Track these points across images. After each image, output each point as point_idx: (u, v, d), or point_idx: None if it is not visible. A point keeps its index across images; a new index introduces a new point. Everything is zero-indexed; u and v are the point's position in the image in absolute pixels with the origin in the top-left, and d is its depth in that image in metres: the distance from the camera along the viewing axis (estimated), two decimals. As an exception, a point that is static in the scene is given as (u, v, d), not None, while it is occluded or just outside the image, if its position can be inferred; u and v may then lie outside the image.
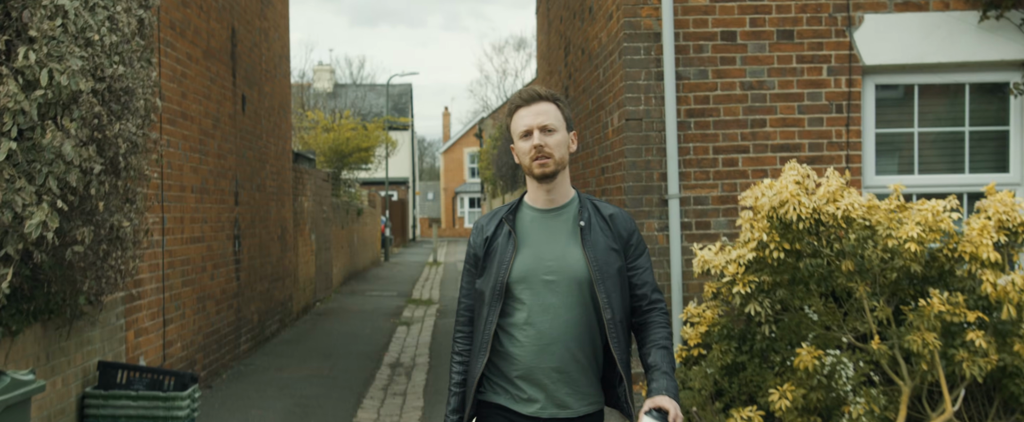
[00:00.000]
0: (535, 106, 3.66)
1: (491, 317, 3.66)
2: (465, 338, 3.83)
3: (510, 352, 3.66)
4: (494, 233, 3.73)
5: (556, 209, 3.72)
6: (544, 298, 3.62)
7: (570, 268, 3.62)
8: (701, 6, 8.09)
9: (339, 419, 9.36)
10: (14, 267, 5.21)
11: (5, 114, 4.87)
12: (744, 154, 8.13)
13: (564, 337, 3.62)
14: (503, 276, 3.63)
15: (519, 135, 3.67)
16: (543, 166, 3.61)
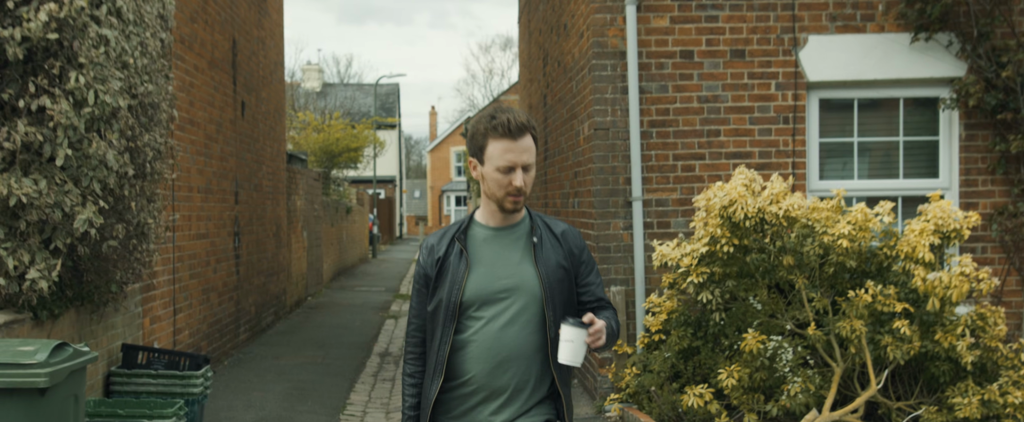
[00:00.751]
0: (522, 141, 3.52)
1: (445, 338, 3.58)
2: (416, 360, 3.74)
3: (465, 372, 3.59)
4: (445, 252, 3.65)
5: (509, 227, 3.66)
6: (499, 316, 3.57)
7: (524, 285, 3.58)
8: (662, 27, 9.00)
9: (334, 401, 10.24)
10: (62, 259, 6.09)
11: (59, 129, 5.75)
12: (701, 161, 9.04)
13: (520, 354, 3.57)
14: (456, 296, 3.56)
15: (497, 167, 3.53)
16: (516, 204, 3.57)
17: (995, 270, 9.07)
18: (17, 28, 5.68)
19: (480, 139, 3.55)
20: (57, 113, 5.73)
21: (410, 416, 3.71)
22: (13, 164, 5.85)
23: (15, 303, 6.08)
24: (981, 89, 8.79)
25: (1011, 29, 8.76)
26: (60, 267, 6.02)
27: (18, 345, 4.83)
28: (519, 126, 3.51)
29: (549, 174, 12.62)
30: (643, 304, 8.90)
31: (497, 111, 3.58)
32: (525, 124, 3.55)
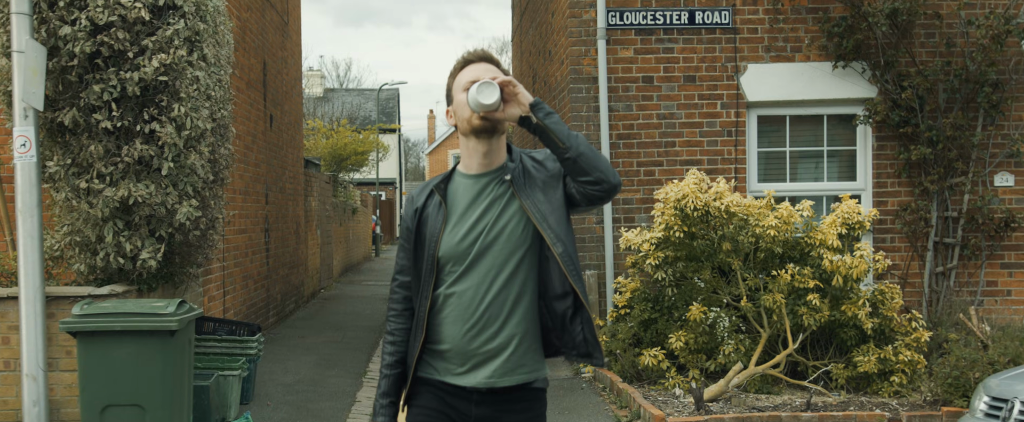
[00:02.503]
0: (479, 65, 3.46)
1: (425, 294, 3.44)
2: (398, 316, 3.59)
3: (443, 327, 3.44)
4: (424, 203, 3.53)
5: (489, 173, 3.48)
6: (477, 270, 3.40)
7: (505, 231, 3.41)
8: (627, 57, 10.98)
9: (355, 369, 12.21)
10: (164, 244, 8.06)
11: (165, 147, 7.73)
12: (660, 167, 11.02)
13: (503, 307, 3.40)
14: (433, 249, 3.42)
15: (462, 88, 3.43)
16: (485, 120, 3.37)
17: (902, 256, 11.05)
18: (136, 72, 7.66)
19: (449, 82, 3.51)
20: (164, 135, 7.70)
21: (387, 374, 3.56)
22: (129, 173, 7.82)
23: (128, 278, 8.06)
24: (887, 108, 10.77)
25: (912, 59, 10.73)
26: (163, 250, 7.99)
27: (153, 302, 6.80)
28: (479, 53, 3.50)
29: (538, 177, 14.61)
30: (612, 284, 10.87)
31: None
32: (486, 54, 3.51)
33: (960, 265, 10.97)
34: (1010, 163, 10.97)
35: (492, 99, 3.27)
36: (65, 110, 7.81)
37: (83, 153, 7.84)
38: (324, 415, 9.53)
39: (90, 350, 6.54)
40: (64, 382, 7.88)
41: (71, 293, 7.82)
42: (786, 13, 10.99)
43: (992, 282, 11.07)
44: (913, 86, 10.61)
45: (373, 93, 65.50)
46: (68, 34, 7.65)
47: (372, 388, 11.00)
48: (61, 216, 8.08)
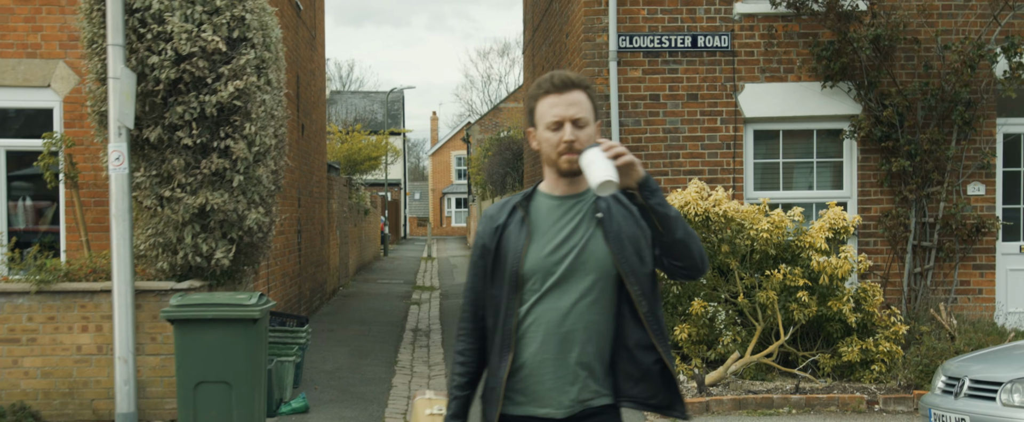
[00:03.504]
0: (568, 95, 3.37)
1: (511, 311, 3.40)
2: (468, 336, 3.55)
3: (526, 349, 3.40)
4: (506, 221, 3.48)
5: (574, 196, 3.44)
6: (561, 290, 3.37)
7: (590, 259, 3.38)
8: (636, 77, 12.15)
9: (386, 358, 13.38)
10: (235, 245, 9.24)
11: (238, 161, 8.91)
12: (665, 176, 12.19)
13: (585, 332, 3.36)
14: (516, 266, 3.38)
15: (547, 125, 3.37)
16: (571, 162, 3.35)
17: (883, 257, 12.22)
18: (213, 95, 8.84)
19: (531, 103, 3.45)
20: (237, 150, 8.88)
21: (458, 396, 3.53)
22: (206, 183, 9.00)
23: (202, 275, 9.24)
24: (871, 124, 11.94)
25: (893, 80, 11.90)
26: (234, 251, 9.17)
27: (237, 295, 7.97)
28: (563, 81, 3.39)
29: (551, 184, 15.80)
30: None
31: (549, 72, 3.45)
32: (573, 79, 3.41)
33: (936, 266, 12.14)
34: (981, 174, 12.14)
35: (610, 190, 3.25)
36: (151, 128, 8.99)
37: (166, 166, 9.02)
38: (367, 397, 10.71)
39: (185, 335, 7.71)
40: (149, 365, 9.06)
41: (156, 287, 9.01)
42: (780, 37, 12.15)
43: (965, 282, 12.24)
44: (894, 104, 11.77)
45: (378, 95, 66.65)
46: (155, 63, 8.83)
47: (404, 376, 12.17)
48: (146, 221, 9.25)
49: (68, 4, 11.22)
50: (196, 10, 8.85)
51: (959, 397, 7.09)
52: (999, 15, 11.79)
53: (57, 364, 9.09)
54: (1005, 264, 12.39)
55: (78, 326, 9.09)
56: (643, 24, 12.12)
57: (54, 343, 9.08)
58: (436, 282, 27.06)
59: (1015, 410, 6.53)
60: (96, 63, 9.12)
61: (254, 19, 9.09)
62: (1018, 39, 11.50)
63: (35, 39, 11.26)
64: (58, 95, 11.16)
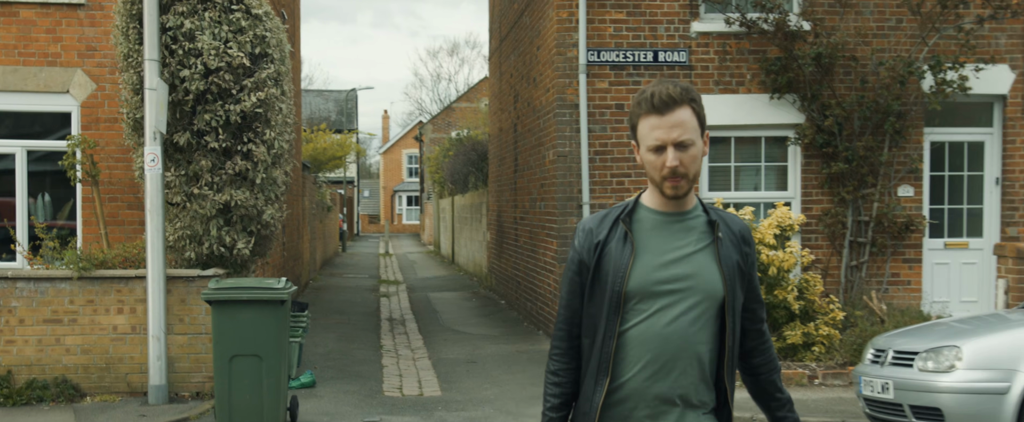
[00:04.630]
0: (670, 116, 3.15)
1: (610, 332, 3.24)
2: (562, 356, 3.38)
3: (623, 372, 3.25)
4: (607, 236, 3.29)
5: (680, 213, 3.29)
6: (666, 311, 3.20)
7: (699, 280, 3.23)
8: (603, 88, 13.44)
9: (371, 343, 14.56)
10: (254, 238, 10.38)
11: (259, 163, 10.06)
12: (629, 178, 13.49)
13: (686, 356, 3.21)
14: (619, 285, 3.21)
15: (648, 147, 3.20)
16: (676, 188, 3.20)
17: (824, 252, 13.62)
18: (237, 105, 9.99)
19: (633, 119, 3.28)
20: (258, 154, 10.04)
21: (552, 417, 3.37)
22: (230, 182, 10.14)
23: (224, 263, 10.38)
24: (813, 132, 13.32)
25: (833, 93, 13.29)
26: (253, 242, 10.32)
27: (265, 280, 9.12)
28: (665, 99, 3.17)
29: (519, 184, 17.07)
30: (590, 273, 13.32)
31: (650, 85, 3.26)
32: (675, 96, 3.18)
33: (870, 260, 13.56)
34: (911, 178, 13.58)
35: None
36: (181, 133, 10.12)
37: (194, 166, 10.16)
38: (364, 375, 11.91)
39: (222, 314, 8.85)
40: (177, 343, 10.19)
41: (184, 274, 10.15)
42: (732, 54, 13.50)
43: (896, 274, 13.68)
44: (834, 115, 13.17)
45: (332, 94, 67.53)
46: (186, 76, 9.97)
47: (391, 358, 13.37)
48: (175, 216, 10.37)
49: (86, 17, 12.30)
50: (223, 30, 10.00)
51: (884, 365, 8.44)
52: (927, 36, 13.21)
53: (95, 342, 10.20)
54: (931, 258, 13.84)
55: (114, 308, 10.19)
56: (610, 40, 13.40)
57: (93, 323, 10.18)
58: (399, 276, 28.21)
59: (928, 374, 7.88)
60: (131, 75, 10.22)
61: (273, 37, 10.26)
62: (943, 58, 12.93)
63: (55, 49, 12.32)
64: (76, 100, 12.24)
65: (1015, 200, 13.72)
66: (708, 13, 13.55)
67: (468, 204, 28.46)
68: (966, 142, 13.91)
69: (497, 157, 21.13)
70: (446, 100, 73.67)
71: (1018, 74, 13.55)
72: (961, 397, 7.66)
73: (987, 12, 12.95)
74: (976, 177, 13.92)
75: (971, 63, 13.11)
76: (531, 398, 10.55)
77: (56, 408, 9.82)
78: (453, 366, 12.73)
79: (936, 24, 13.13)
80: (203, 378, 10.29)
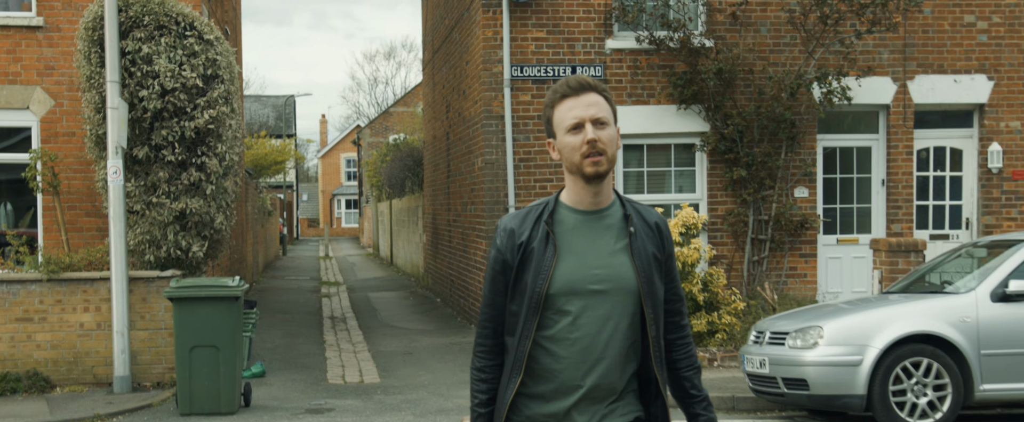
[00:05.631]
0: (586, 96, 3.26)
1: (527, 332, 3.28)
2: (487, 353, 3.42)
3: (550, 369, 3.30)
4: (529, 237, 3.30)
5: (599, 211, 3.34)
6: (590, 309, 3.27)
7: (619, 277, 3.29)
8: (526, 100, 14.68)
9: (315, 338, 15.67)
10: (206, 242, 11.46)
11: (212, 175, 11.14)
12: (551, 182, 14.74)
13: (611, 352, 3.28)
14: (541, 287, 3.25)
15: (566, 129, 3.25)
16: (596, 165, 3.25)
17: (728, 248, 14.98)
18: (191, 122, 11.07)
19: (547, 112, 3.36)
20: (211, 166, 11.13)
21: (480, 413, 3.44)
22: (185, 192, 11.22)
23: (179, 265, 11.45)
24: (717, 139, 14.67)
25: (734, 103, 14.65)
26: (206, 246, 11.40)
27: (220, 279, 10.22)
28: (579, 83, 3.29)
29: (452, 188, 18.27)
30: (515, 271, 14.54)
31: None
32: (589, 82, 3.31)
33: (770, 255, 14.94)
34: (805, 180, 14.99)
35: None
36: (140, 148, 11.18)
37: (152, 177, 11.23)
38: (309, 365, 13.04)
39: (182, 310, 9.93)
40: (139, 338, 11.25)
41: (145, 275, 11.22)
42: (643, 68, 14.81)
43: (793, 267, 15.08)
44: (734, 124, 14.52)
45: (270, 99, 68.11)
46: (144, 95, 11.04)
47: (334, 351, 14.49)
48: (135, 222, 11.41)
49: (45, 39, 13.28)
50: (178, 53, 11.09)
51: (763, 345, 9.76)
52: (813, 51, 14.62)
53: (64, 338, 11.22)
54: (825, 253, 15.25)
55: (81, 307, 11.23)
56: (532, 57, 14.65)
57: (61, 321, 11.21)
58: (340, 278, 29.25)
59: (796, 350, 9.20)
60: (93, 95, 11.26)
61: (223, 60, 11.37)
62: (827, 70, 14.34)
63: (16, 68, 13.28)
64: (36, 116, 13.22)
65: (898, 199, 15.19)
66: (621, 31, 14.85)
67: (405, 207, 29.57)
68: (855, 147, 15.36)
69: (432, 163, 22.30)
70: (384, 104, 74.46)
71: (899, 85, 15.03)
72: (822, 369, 8.99)
73: (864, 28, 14.37)
74: (865, 179, 15.37)
75: (855, 75, 14.56)
76: (461, 383, 11.74)
77: (29, 398, 10.83)
78: (391, 357, 13.89)
79: (820, 40, 14.52)
80: (163, 369, 11.36)
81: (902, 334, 8.94)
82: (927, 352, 8.94)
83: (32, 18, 13.09)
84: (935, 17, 15.08)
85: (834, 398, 9.03)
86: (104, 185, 11.29)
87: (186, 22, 11.28)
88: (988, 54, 15.16)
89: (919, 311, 9.20)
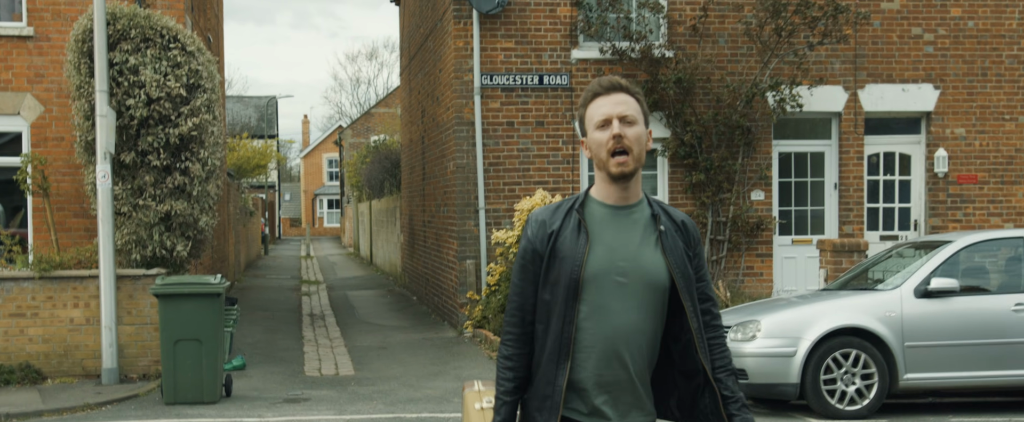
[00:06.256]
0: (615, 95, 3.39)
1: (569, 317, 3.35)
2: (515, 341, 3.46)
3: (577, 361, 3.38)
4: (560, 227, 3.41)
5: (628, 207, 3.44)
6: (613, 301, 3.35)
7: (645, 271, 3.37)
8: (495, 107, 15.40)
9: (294, 334, 16.36)
10: (190, 241, 12.15)
11: (195, 178, 11.83)
12: (519, 185, 15.47)
13: (633, 343, 3.36)
14: (577, 272, 3.33)
15: (595, 125, 3.40)
16: (621, 165, 3.37)
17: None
18: (176, 129, 11.76)
19: (580, 112, 3.49)
20: (194, 170, 11.82)
21: (506, 401, 3.46)
22: (169, 195, 11.90)
23: (164, 264, 12.14)
24: (677, 145, 15.43)
25: (693, 111, 15.41)
26: (189, 246, 12.09)
27: (203, 277, 10.91)
28: (611, 83, 3.42)
29: (427, 190, 18.99)
30: (485, 270, 15.28)
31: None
32: (620, 81, 3.43)
33: (728, 255, 15.71)
34: (761, 184, 15.76)
35: None
36: (127, 153, 11.86)
37: (138, 181, 11.90)
38: (287, 359, 13.74)
39: (168, 305, 10.62)
40: (126, 333, 11.93)
41: (132, 273, 11.91)
42: (607, 77, 15.53)
43: (750, 266, 15.85)
44: (693, 131, 15.29)
45: (252, 100, 68.57)
46: (131, 104, 11.72)
47: (311, 346, 15.19)
48: (122, 223, 12.08)
49: (35, 48, 13.93)
50: (163, 64, 11.78)
51: (708, 338, 10.50)
52: (768, 61, 15.39)
53: (54, 333, 11.90)
54: (780, 253, 16.03)
55: (71, 303, 11.90)
56: (501, 66, 15.38)
57: (52, 316, 11.89)
58: (320, 277, 29.93)
59: (736, 342, 9.92)
60: (83, 103, 11.93)
61: (205, 70, 12.06)
62: (780, 80, 15.11)
63: (7, 76, 13.92)
64: (26, 121, 13.85)
65: (850, 202, 15.98)
66: (586, 42, 15.59)
67: (384, 208, 30.27)
68: (810, 152, 16.15)
69: (408, 165, 23.02)
70: (366, 104, 74.96)
71: (850, 94, 15.82)
72: (760, 360, 9.75)
73: (816, 40, 15.15)
74: (818, 182, 16.16)
75: (807, 84, 15.34)
76: (431, 375, 12.45)
77: (22, 389, 11.49)
78: (366, 351, 14.60)
79: (775, 51, 15.29)
80: (149, 362, 12.03)
81: (833, 327, 9.71)
82: (855, 344, 9.71)
83: (23, 28, 13.72)
84: (884, 29, 15.88)
85: (771, 386, 9.79)
86: (93, 188, 11.95)
87: (170, 35, 11.96)
88: (934, 65, 15.98)
89: (850, 306, 9.97)
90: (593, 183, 3.57)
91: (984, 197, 16.14)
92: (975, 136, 16.11)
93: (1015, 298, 9.88)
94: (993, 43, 16.07)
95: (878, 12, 15.84)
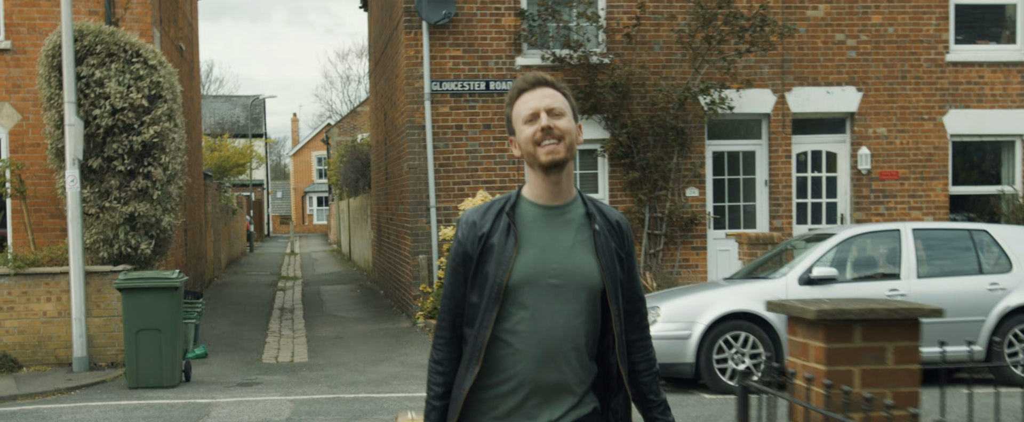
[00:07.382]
0: (540, 89, 3.30)
1: (486, 323, 3.25)
2: (446, 345, 3.37)
3: (506, 363, 3.28)
4: (490, 229, 3.31)
5: (560, 206, 3.34)
6: (547, 303, 3.26)
7: (579, 272, 3.29)
8: (445, 112, 16.46)
9: (260, 327, 17.42)
10: (153, 240, 13.20)
11: (157, 182, 12.88)
12: (467, 185, 16.53)
13: (567, 346, 3.27)
14: (502, 277, 3.23)
15: (523, 120, 3.30)
16: (552, 152, 3.25)
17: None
18: (139, 136, 12.82)
19: (507, 110, 3.40)
20: (156, 174, 12.88)
21: (435, 406, 3.39)
22: (134, 197, 12.95)
23: (130, 261, 13.20)
24: (615, 145, 16.49)
25: (630, 114, 16.47)
26: (153, 244, 13.16)
27: (162, 272, 11.96)
28: (536, 79, 3.33)
29: (389, 190, 20.07)
30: (437, 263, 16.35)
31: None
32: (545, 78, 3.35)
33: (665, 248, 16.78)
34: (695, 181, 16.84)
35: None
36: (94, 159, 12.91)
37: (105, 185, 12.96)
38: (248, 349, 14.81)
39: (130, 298, 11.67)
40: (95, 324, 12.99)
41: (100, 269, 12.97)
42: (550, 83, 16.59)
43: (686, 259, 16.92)
44: (630, 132, 16.36)
45: (240, 99, 69.58)
46: (97, 114, 12.78)
47: (274, 337, 16.26)
48: (90, 224, 13.13)
49: (12, 60, 14.97)
50: (126, 77, 12.84)
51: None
52: (699, 67, 16.46)
53: (29, 324, 12.96)
54: (715, 246, 17.11)
55: (44, 297, 12.97)
56: (449, 73, 16.44)
57: (27, 310, 12.95)
58: (299, 273, 31.00)
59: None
60: (53, 113, 12.98)
61: (166, 82, 13.12)
62: (711, 84, 16.19)
63: (-14, 86, 14.95)
64: (5, 129, 14.89)
65: (779, 198, 17.07)
66: (529, 50, 16.66)
67: (359, 206, 31.35)
68: (742, 151, 17.23)
69: (376, 165, 24.09)
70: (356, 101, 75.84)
71: (778, 97, 16.90)
72: (659, 341, 10.78)
73: (745, 47, 16.23)
74: (750, 179, 17.24)
75: (736, 88, 16.42)
76: (378, 361, 13.52)
77: (-1, 376, 12.58)
78: (323, 341, 15.67)
79: (706, 57, 16.37)
80: (116, 351, 13.09)
81: (724, 312, 10.80)
82: (745, 327, 10.81)
83: (1, 41, 14.76)
84: (809, 36, 16.97)
85: (670, 366, 10.87)
86: (64, 191, 12.99)
87: (133, 50, 13.02)
88: (857, 68, 17.07)
89: (741, 293, 11.06)
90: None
91: (905, 192, 17.23)
92: (896, 135, 17.21)
93: (889, 284, 10.98)
94: (912, 48, 17.16)
95: (803, 19, 16.93)
